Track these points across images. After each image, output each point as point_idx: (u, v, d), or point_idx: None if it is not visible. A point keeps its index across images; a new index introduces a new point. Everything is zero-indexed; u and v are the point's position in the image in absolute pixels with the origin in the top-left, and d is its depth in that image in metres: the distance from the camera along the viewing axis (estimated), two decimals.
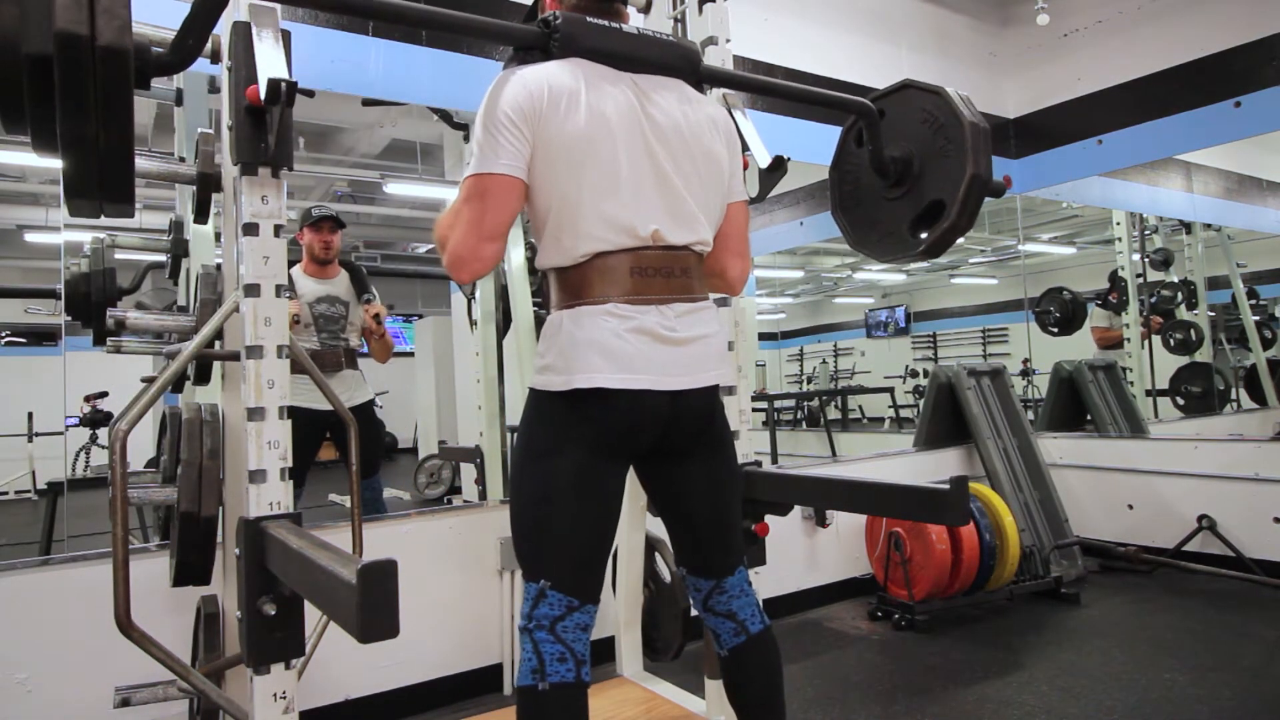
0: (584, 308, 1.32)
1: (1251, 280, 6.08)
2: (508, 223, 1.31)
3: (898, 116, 1.54)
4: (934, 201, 1.45)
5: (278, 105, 1.32)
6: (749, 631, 1.52)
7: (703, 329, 1.40)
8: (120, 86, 0.86)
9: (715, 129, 1.44)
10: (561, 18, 1.33)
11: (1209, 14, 3.87)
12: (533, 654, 1.30)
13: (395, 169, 5.54)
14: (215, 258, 2.51)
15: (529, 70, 1.30)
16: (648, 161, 1.33)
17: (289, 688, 1.37)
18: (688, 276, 1.39)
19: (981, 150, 1.40)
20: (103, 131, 0.87)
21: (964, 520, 1.44)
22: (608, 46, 1.35)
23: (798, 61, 3.80)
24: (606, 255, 1.31)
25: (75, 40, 0.83)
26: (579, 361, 1.30)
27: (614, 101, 1.32)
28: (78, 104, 0.85)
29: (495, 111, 1.28)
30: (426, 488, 5.86)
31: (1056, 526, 3.86)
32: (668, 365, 1.34)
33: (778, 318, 10.64)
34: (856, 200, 1.65)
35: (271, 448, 1.40)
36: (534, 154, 1.29)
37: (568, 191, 1.29)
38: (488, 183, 1.28)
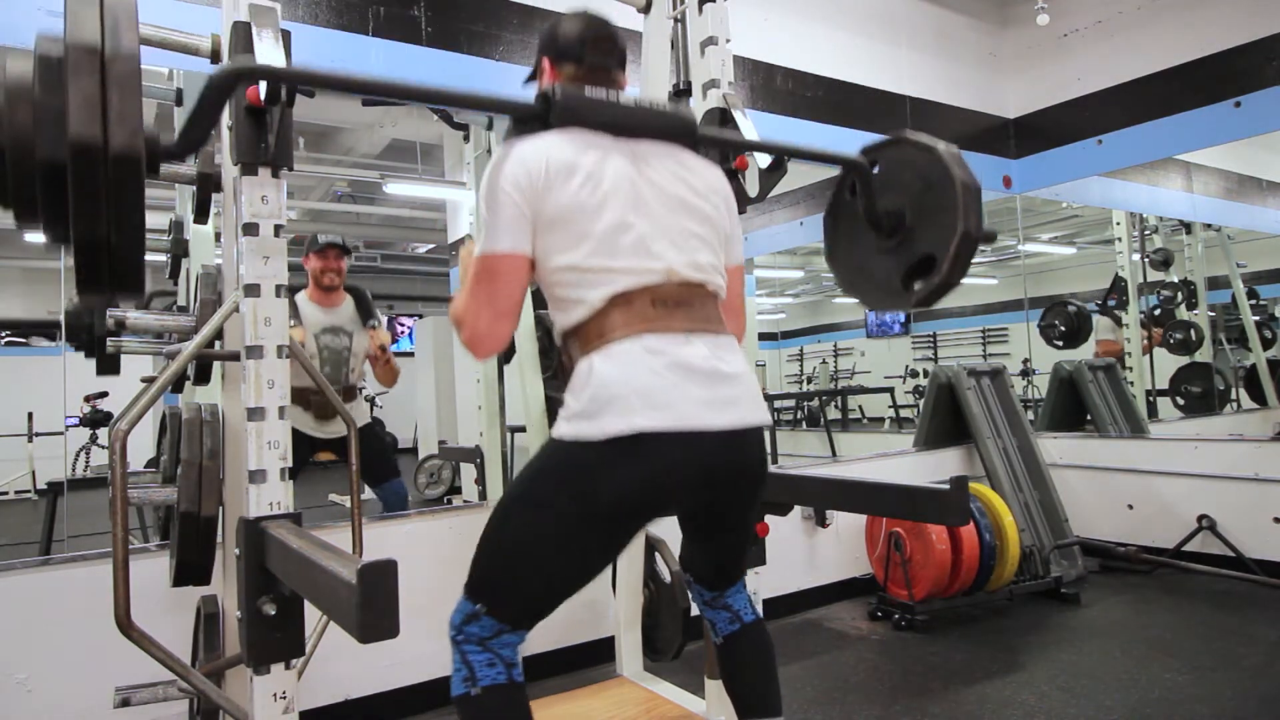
0: (613, 345, 1.26)
1: (1251, 280, 6.08)
2: (519, 300, 1.31)
3: (891, 169, 1.57)
4: (926, 256, 1.49)
5: (278, 105, 1.33)
6: (743, 620, 1.60)
7: (741, 363, 1.35)
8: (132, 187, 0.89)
9: (714, 192, 1.44)
10: (560, 91, 1.33)
11: (1209, 14, 3.87)
12: (461, 664, 1.33)
13: (395, 169, 5.54)
14: (215, 258, 2.51)
15: (527, 145, 1.31)
16: (648, 219, 1.32)
17: (289, 688, 1.37)
18: (709, 310, 1.35)
19: (972, 208, 1.43)
20: (114, 230, 0.89)
21: (964, 520, 1.44)
22: (606, 118, 1.35)
23: (798, 61, 3.80)
24: (625, 294, 1.28)
25: (89, 146, 0.85)
26: (617, 405, 1.21)
27: (613, 166, 1.32)
28: (91, 205, 0.87)
29: (496, 190, 1.29)
30: (426, 488, 5.86)
31: (1056, 526, 3.86)
32: (715, 401, 1.26)
33: (778, 318, 10.64)
34: (850, 249, 1.69)
35: (271, 448, 1.40)
36: (537, 226, 1.29)
37: (574, 254, 1.28)
38: (494, 263, 1.29)
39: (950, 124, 4.39)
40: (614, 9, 2.72)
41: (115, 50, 0.89)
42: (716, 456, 1.28)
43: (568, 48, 1.45)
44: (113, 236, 0.89)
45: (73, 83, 0.86)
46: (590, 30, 1.45)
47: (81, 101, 0.86)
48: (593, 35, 1.44)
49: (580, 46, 1.44)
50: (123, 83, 0.88)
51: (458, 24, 2.88)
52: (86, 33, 0.88)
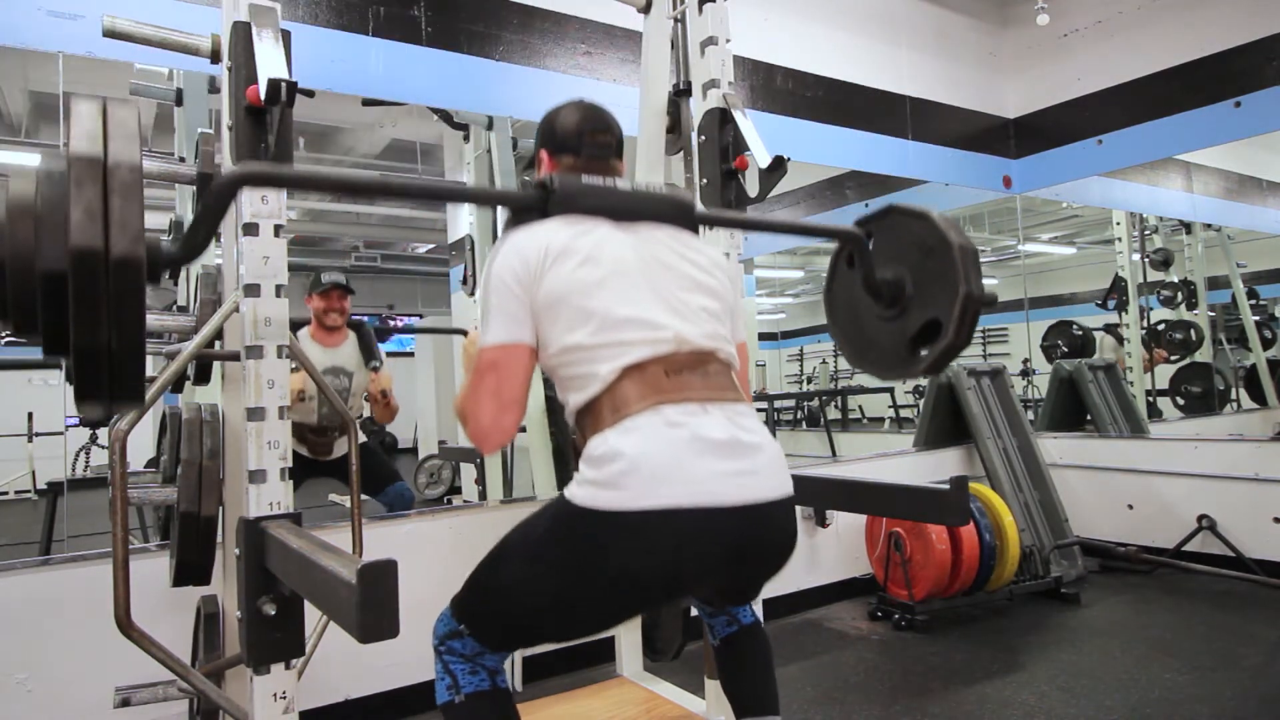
0: (631, 419, 1.21)
1: (1251, 280, 6.08)
2: (523, 391, 1.30)
3: (886, 238, 1.60)
4: (930, 321, 1.50)
5: (278, 105, 1.33)
6: (741, 622, 1.63)
7: (761, 430, 1.30)
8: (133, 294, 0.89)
9: (717, 268, 1.43)
10: (558, 181, 1.33)
11: (1209, 14, 3.87)
12: (444, 673, 1.34)
13: (395, 169, 5.53)
14: (215, 258, 2.51)
15: (525, 233, 1.31)
16: (653, 293, 1.31)
17: (289, 688, 1.37)
18: (723, 378, 1.32)
19: (972, 271, 1.44)
20: (115, 337, 0.89)
21: (964, 520, 1.44)
22: (604, 205, 1.35)
23: (798, 61, 3.80)
24: (637, 365, 1.25)
25: (90, 255, 0.86)
26: (636, 479, 1.16)
27: (612, 245, 1.31)
28: (91, 314, 0.87)
29: (493, 281, 1.29)
30: (426, 488, 5.85)
31: (1056, 526, 3.86)
32: (736, 474, 1.21)
33: (778, 318, 10.64)
34: (853, 320, 1.72)
35: (271, 448, 1.40)
36: (537, 312, 1.28)
37: (579, 334, 1.27)
38: (496, 355, 1.28)
39: (950, 124, 4.39)
40: (614, 9, 2.73)
41: (117, 160, 0.90)
42: (741, 533, 1.22)
43: (565, 140, 1.45)
44: (113, 344, 0.89)
45: (75, 193, 0.87)
46: (587, 123, 1.45)
47: (83, 210, 0.87)
48: (590, 127, 1.45)
49: (578, 139, 1.44)
50: (124, 191, 0.89)
51: (458, 24, 2.88)
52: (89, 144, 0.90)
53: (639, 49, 2.37)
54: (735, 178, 1.97)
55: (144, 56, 2.39)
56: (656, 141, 2.25)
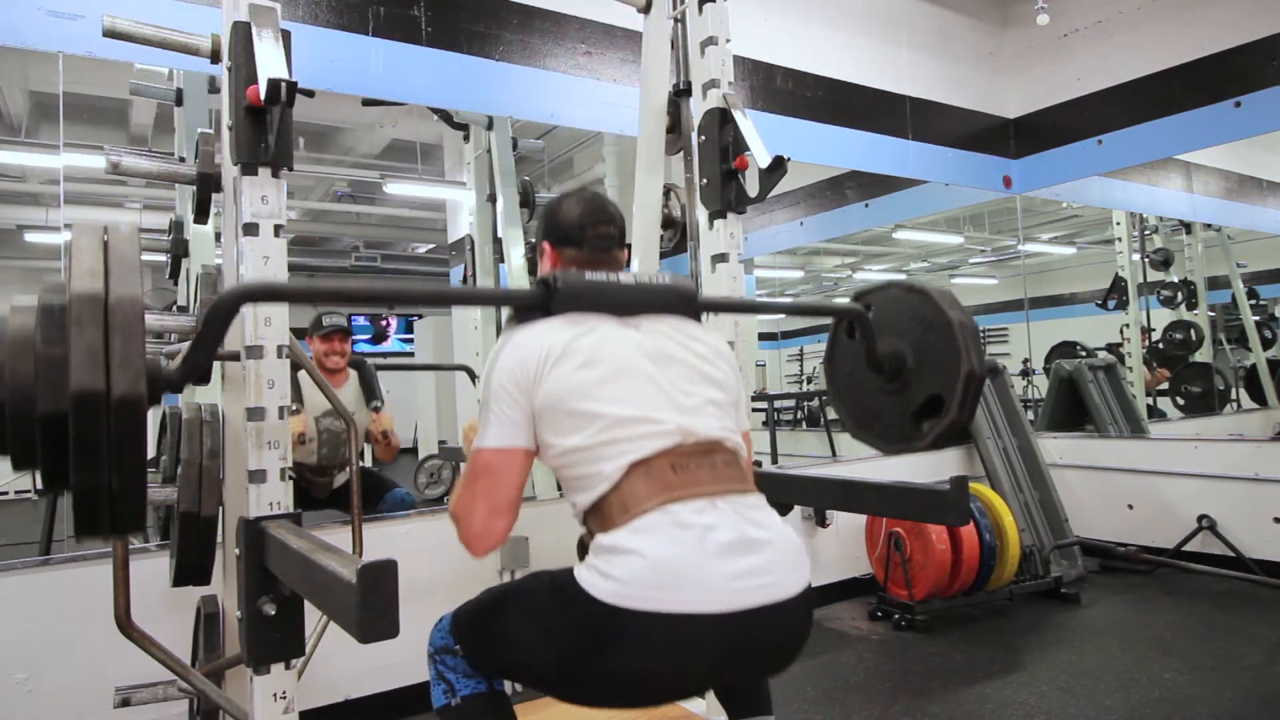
0: (640, 520, 1.18)
1: (1251, 280, 6.08)
2: (516, 495, 1.29)
3: (886, 312, 1.61)
4: (932, 396, 1.52)
5: (278, 105, 1.33)
6: None
7: (772, 522, 1.27)
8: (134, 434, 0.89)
9: (720, 357, 1.43)
10: (560, 279, 1.33)
11: (1209, 14, 3.87)
12: (439, 679, 1.36)
13: (395, 169, 5.53)
14: (215, 258, 2.51)
15: (525, 334, 1.30)
16: (655, 386, 1.30)
17: (289, 688, 1.37)
18: (731, 468, 1.29)
19: (973, 348, 1.46)
20: (115, 476, 0.89)
21: (964, 520, 1.44)
22: (606, 300, 1.35)
23: (797, 62, 3.80)
24: (643, 461, 1.22)
25: (92, 396, 0.86)
26: (644, 582, 1.13)
27: (614, 339, 1.31)
28: (91, 455, 0.87)
29: (493, 383, 1.29)
30: (426, 488, 5.85)
31: (1056, 526, 3.86)
32: (747, 575, 1.18)
33: (778, 318, 10.65)
34: (854, 392, 1.73)
35: (271, 448, 1.40)
36: (537, 414, 1.27)
37: (582, 435, 1.25)
38: (490, 458, 1.27)
39: (950, 124, 4.39)
40: (614, 9, 2.73)
41: (119, 297, 0.90)
42: (752, 637, 1.19)
43: (568, 233, 1.45)
44: (114, 483, 0.89)
45: (75, 333, 0.87)
46: (589, 216, 1.45)
47: (84, 351, 0.86)
48: (591, 220, 1.45)
49: (580, 232, 1.44)
50: (125, 328, 0.89)
51: (458, 24, 2.88)
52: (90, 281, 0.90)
53: (639, 49, 2.37)
54: (735, 178, 1.97)
55: (144, 56, 2.39)
56: (656, 141, 2.25)
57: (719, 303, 1.81)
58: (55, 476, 0.90)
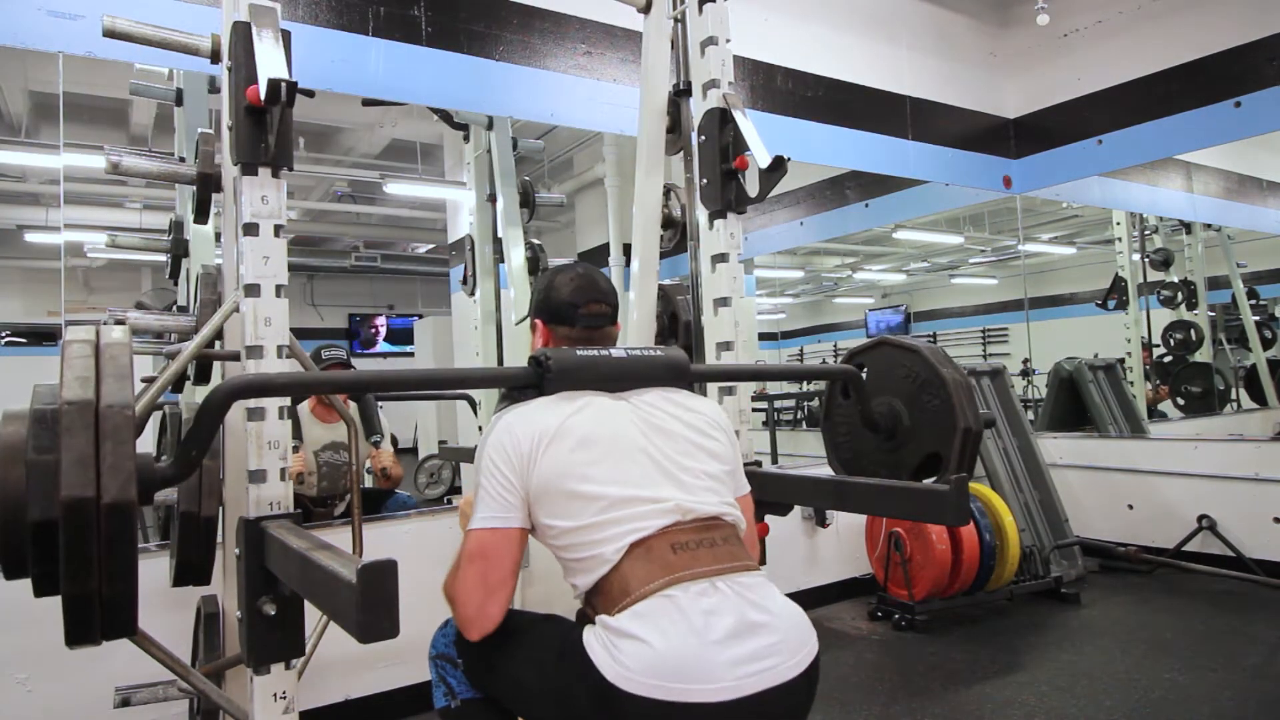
0: (640, 605, 1.18)
1: (1251, 280, 6.07)
2: (510, 574, 1.29)
3: (879, 370, 1.62)
4: (930, 455, 1.54)
5: (278, 105, 1.32)
6: None
7: (775, 600, 1.27)
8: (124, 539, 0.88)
9: (714, 426, 1.43)
10: (552, 357, 1.34)
11: (1209, 14, 3.87)
12: (439, 681, 1.38)
13: (395, 169, 5.53)
14: (215, 258, 2.51)
15: (518, 414, 1.31)
16: (650, 463, 1.30)
17: (289, 688, 1.37)
18: (731, 545, 1.29)
19: (967, 406, 1.47)
20: (106, 583, 0.88)
21: (964, 520, 1.44)
22: (598, 375, 1.36)
23: (798, 62, 3.80)
24: (642, 542, 1.23)
25: (82, 504, 0.85)
26: (647, 666, 1.13)
27: (608, 415, 1.32)
28: (82, 563, 0.87)
29: (486, 463, 1.29)
30: (426, 488, 5.85)
31: (1056, 526, 3.86)
32: (750, 659, 1.17)
33: (778, 318, 10.64)
34: (852, 450, 1.75)
35: (271, 448, 1.40)
36: (531, 497, 1.27)
37: (580, 518, 1.25)
38: (484, 539, 1.27)
39: (950, 124, 4.39)
40: (614, 9, 2.73)
41: (109, 403, 0.90)
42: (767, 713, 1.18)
43: (561, 312, 1.46)
44: (104, 589, 0.89)
45: (65, 441, 0.87)
46: (581, 294, 1.46)
47: (74, 458, 0.86)
48: (584, 299, 1.46)
49: (573, 310, 1.45)
50: (116, 434, 0.89)
51: (457, 24, 2.88)
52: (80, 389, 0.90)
53: (639, 49, 2.37)
54: (735, 178, 1.97)
55: (144, 56, 2.39)
56: (656, 141, 2.25)
57: (711, 372, 1.81)
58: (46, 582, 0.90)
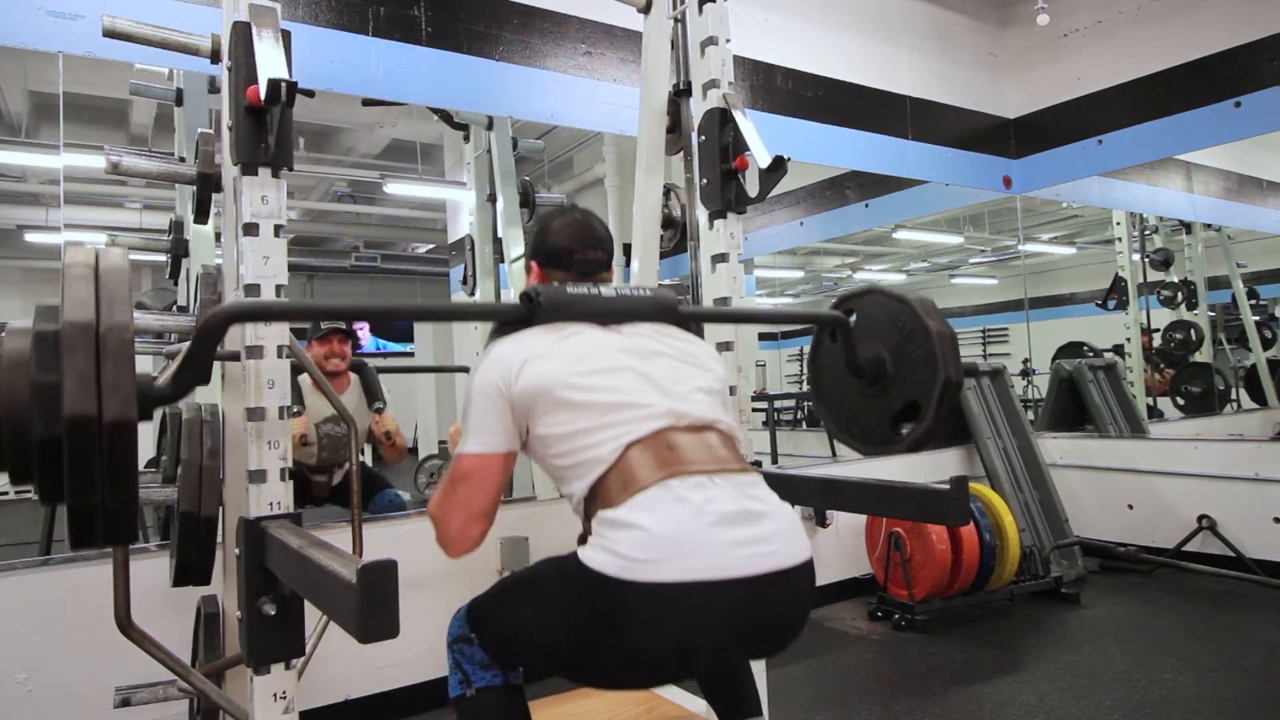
0: (640, 495, 1.18)
1: (1251, 280, 6.08)
2: (494, 500, 1.30)
3: (868, 317, 1.65)
4: (910, 402, 1.56)
5: (278, 105, 1.32)
6: None
7: (771, 497, 1.28)
8: (125, 455, 0.93)
9: (707, 355, 1.44)
10: (542, 292, 1.34)
11: (1209, 14, 3.87)
12: (455, 668, 1.37)
13: (395, 169, 5.53)
14: (215, 258, 2.51)
15: (508, 342, 1.31)
16: (641, 377, 1.30)
17: (289, 688, 1.37)
18: (727, 448, 1.31)
19: (950, 357, 1.49)
20: (109, 494, 0.93)
21: (964, 520, 1.45)
22: (587, 310, 1.36)
23: (797, 62, 3.80)
24: (639, 441, 1.23)
25: (83, 421, 0.89)
26: (647, 551, 1.13)
27: (599, 337, 1.33)
28: (84, 476, 0.91)
29: (474, 390, 1.30)
30: (426, 488, 5.84)
31: (1056, 526, 3.86)
32: (749, 543, 1.18)
33: None
34: (835, 393, 1.77)
35: (272, 448, 1.40)
36: (525, 406, 1.27)
37: (572, 422, 1.26)
38: (470, 464, 1.29)
39: (950, 124, 4.39)
40: (614, 9, 2.73)
41: (109, 325, 0.93)
42: (756, 605, 1.19)
43: (557, 257, 1.47)
44: (106, 499, 0.92)
45: (67, 362, 0.90)
46: (579, 241, 1.47)
47: (77, 378, 0.89)
48: (580, 245, 1.47)
49: (569, 256, 1.47)
50: (116, 355, 0.92)
51: (457, 24, 2.88)
52: (81, 310, 0.93)
53: (639, 49, 2.37)
54: (735, 178, 1.97)
55: (144, 56, 2.39)
56: (656, 141, 2.25)
57: (700, 313, 1.82)
58: (51, 492, 0.94)
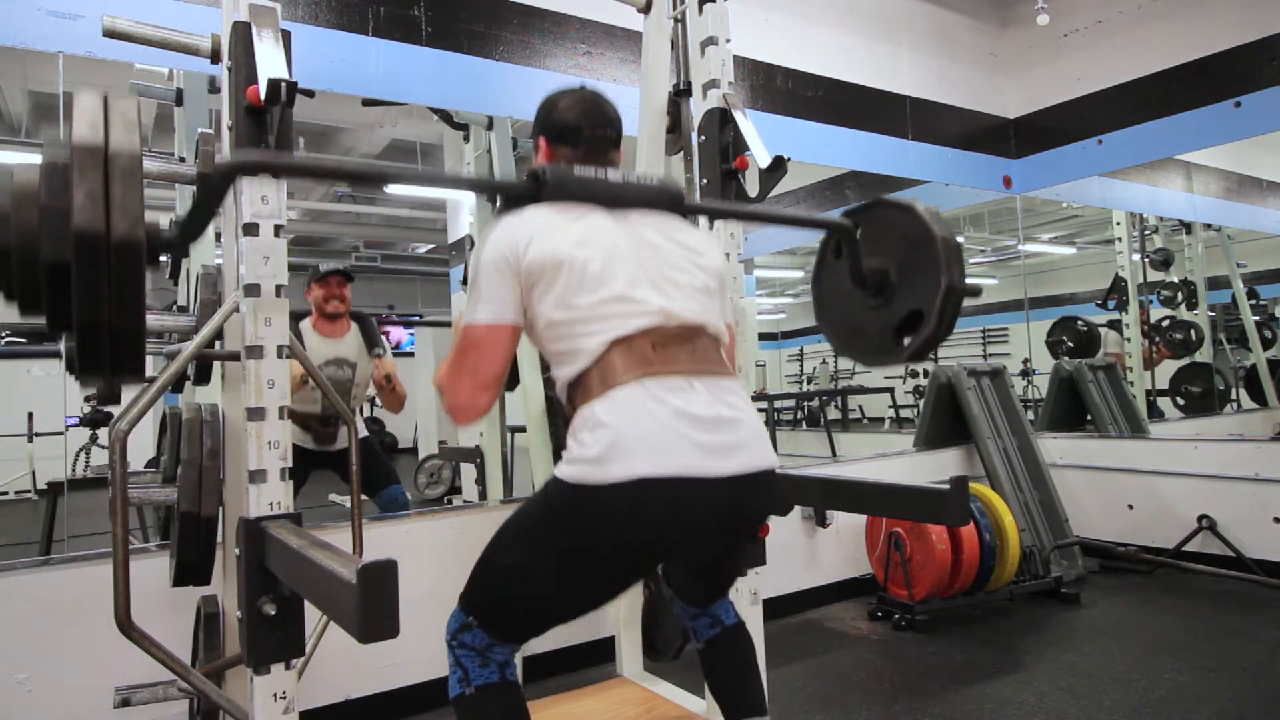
0: (616, 391, 1.24)
1: (1251, 280, 6.08)
2: (501, 370, 1.32)
3: (872, 229, 1.63)
4: (913, 311, 1.54)
5: (278, 105, 1.33)
6: (723, 624, 1.62)
7: (745, 406, 1.34)
8: (133, 275, 0.94)
9: (707, 248, 1.45)
10: (549, 171, 1.35)
11: (1209, 14, 3.87)
12: (455, 666, 1.37)
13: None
14: (215, 258, 2.51)
15: (515, 217, 1.33)
16: (642, 269, 1.33)
17: (289, 688, 1.37)
18: (710, 352, 1.35)
19: (954, 263, 1.48)
20: (116, 316, 0.94)
21: (964, 520, 1.44)
22: (594, 192, 1.37)
23: (797, 62, 3.80)
24: (624, 339, 1.27)
25: (92, 238, 0.91)
26: (619, 451, 1.20)
27: (602, 226, 1.34)
28: (93, 296, 0.92)
29: (481, 261, 1.32)
30: (426, 488, 5.85)
31: (1056, 526, 3.86)
32: (717, 448, 1.24)
33: (778, 318, 10.64)
34: (839, 309, 1.74)
35: (271, 448, 1.40)
36: (525, 288, 1.30)
37: (568, 308, 1.29)
38: (478, 334, 1.30)
39: (950, 124, 4.39)
40: (614, 9, 2.73)
41: (118, 148, 0.94)
42: (721, 503, 1.25)
43: (564, 132, 1.47)
44: (115, 321, 0.94)
45: (77, 179, 0.91)
46: (587, 117, 1.47)
47: (85, 195, 0.91)
48: (589, 122, 1.47)
49: (576, 133, 1.46)
50: (125, 177, 0.94)
51: (458, 24, 2.88)
52: (91, 133, 0.94)
53: (639, 49, 2.37)
54: (735, 178, 1.97)
55: (144, 56, 2.39)
56: (657, 141, 2.25)
57: (706, 208, 1.80)
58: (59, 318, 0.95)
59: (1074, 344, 5.65)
